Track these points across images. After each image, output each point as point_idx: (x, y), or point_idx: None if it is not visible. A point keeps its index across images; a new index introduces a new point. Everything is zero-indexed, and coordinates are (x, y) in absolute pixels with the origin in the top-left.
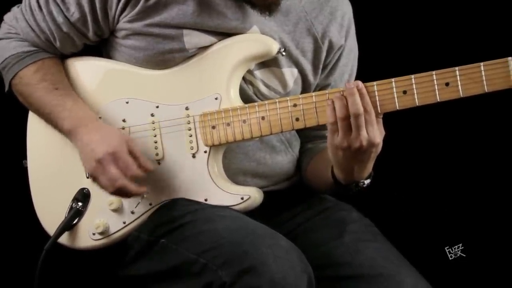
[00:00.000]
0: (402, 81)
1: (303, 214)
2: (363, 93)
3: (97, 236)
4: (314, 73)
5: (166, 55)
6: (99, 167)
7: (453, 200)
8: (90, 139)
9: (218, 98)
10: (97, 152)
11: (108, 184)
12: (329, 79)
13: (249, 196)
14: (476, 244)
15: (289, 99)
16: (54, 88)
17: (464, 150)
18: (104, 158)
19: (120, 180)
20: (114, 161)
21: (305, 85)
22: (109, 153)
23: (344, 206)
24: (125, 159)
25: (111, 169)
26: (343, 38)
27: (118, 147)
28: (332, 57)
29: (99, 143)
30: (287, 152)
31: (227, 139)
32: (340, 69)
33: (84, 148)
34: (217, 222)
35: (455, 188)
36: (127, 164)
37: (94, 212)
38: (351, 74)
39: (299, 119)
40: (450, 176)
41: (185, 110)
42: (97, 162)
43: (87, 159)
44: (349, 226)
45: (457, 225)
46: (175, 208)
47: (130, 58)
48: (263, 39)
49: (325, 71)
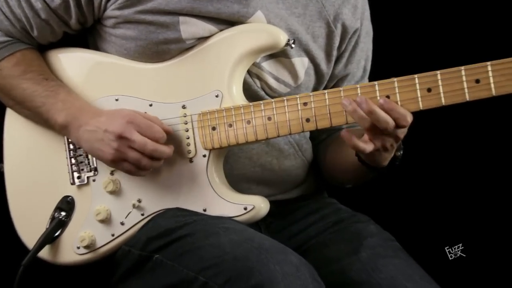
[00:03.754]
0: (426, 78)
1: (315, 226)
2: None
3: (82, 250)
4: (327, 61)
5: (161, 46)
6: (122, 143)
7: (453, 200)
8: (97, 122)
9: (219, 96)
10: (113, 129)
11: (137, 157)
12: (347, 69)
13: (253, 206)
14: (476, 244)
15: (298, 97)
16: (44, 78)
17: (464, 150)
18: (124, 130)
19: (149, 143)
20: (136, 128)
21: (318, 75)
22: (127, 122)
23: (361, 217)
24: (146, 122)
25: (137, 136)
26: (358, 20)
27: (132, 115)
28: (347, 43)
29: (110, 121)
30: (296, 156)
31: (229, 141)
32: (358, 55)
33: (94, 135)
34: (219, 235)
35: (455, 188)
36: (150, 126)
37: (79, 223)
38: (367, 59)
39: (310, 120)
40: (450, 176)
41: (182, 109)
42: (118, 138)
43: (103, 145)
44: (366, 240)
45: (457, 225)
46: (171, 219)
47: (121, 49)
48: (269, 30)
49: (341, 60)
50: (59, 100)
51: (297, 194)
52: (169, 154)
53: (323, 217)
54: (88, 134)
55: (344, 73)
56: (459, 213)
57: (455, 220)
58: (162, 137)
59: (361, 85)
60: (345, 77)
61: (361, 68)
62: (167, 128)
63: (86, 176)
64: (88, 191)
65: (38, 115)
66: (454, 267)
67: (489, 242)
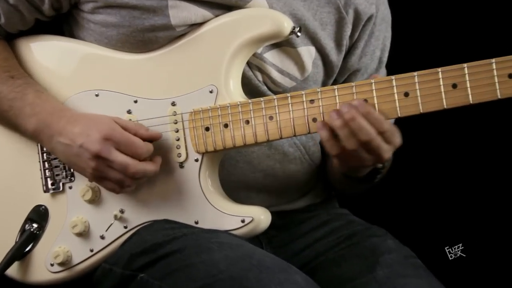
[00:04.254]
0: (452, 71)
1: (325, 241)
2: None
3: (56, 267)
4: (337, 51)
5: (147, 34)
6: (100, 163)
7: (453, 200)
8: (72, 134)
9: (214, 91)
10: (89, 145)
11: (119, 177)
12: (361, 62)
13: (253, 218)
14: (476, 244)
15: (304, 93)
16: (9, 76)
17: (464, 150)
18: (101, 149)
19: (131, 165)
20: (115, 145)
21: (327, 67)
22: (104, 139)
23: (377, 231)
24: (126, 138)
25: (117, 156)
26: (372, 5)
27: (110, 129)
28: (361, 31)
29: (85, 134)
30: (302, 160)
31: (225, 144)
32: (373, 45)
33: (69, 149)
34: (213, 251)
35: (455, 188)
36: (131, 142)
37: (53, 237)
38: (384, 49)
39: (317, 120)
40: (450, 176)
41: (171, 106)
42: (95, 157)
43: (80, 162)
44: (383, 257)
45: (457, 225)
46: (158, 232)
47: (101, 38)
48: (272, 16)
49: (355, 52)
50: (27, 103)
51: (303, 204)
52: (154, 171)
53: (333, 231)
54: (63, 147)
55: (357, 66)
56: (459, 213)
57: (455, 220)
58: (145, 152)
59: (376, 80)
60: (357, 70)
61: (376, 59)
62: (154, 134)
63: (62, 182)
64: (64, 200)
65: (5, 119)
66: (454, 267)
67: (489, 242)
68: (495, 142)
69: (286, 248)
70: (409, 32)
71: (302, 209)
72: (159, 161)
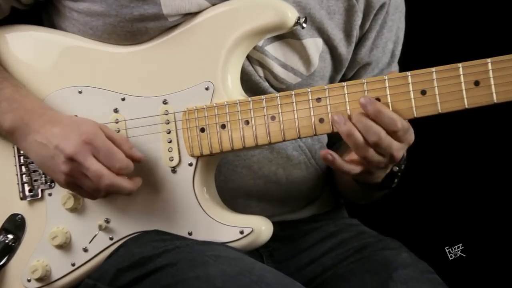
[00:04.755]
0: (473, 67)
1: (332, 254)
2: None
3: (33, 283)
4: (346, 42)
5: (136, 24)
6: (74, 168)
7: (453, 200)
8: (50, 134)
9: (210, 88)
10: (64, 147)
11: (93, 187)
12: (372, 55)
13: (252, 229)
14: (476, 244)
15: (310, 91)
16: None
17: (464, 150)
18: (77, 152)
19: (106, 175)
20: (93, 152)
21: (335, 61)
22: (83, 143)
23: (390, 243)
24: (107, 146)
25: (92, 163)
26: None
27: (92, 133)
28: (372, 21)
29: (64, 135)
30: (308, 165)
31: (222, 147)
32: (385, 37)
33: (44, 149)
34: (208, 265)
35: (455, 188)
36: (112, 153)
37: (30, 249)
38: (397, 41)
39: (324, 121)
40: (449, 176)
41: (163, 105)
42: (69, 160)
43: (54, 164)
44: (397, 273)
45: (457, 225)
46: (147, 244)
47: (85, 29)
48: (274, 5)
49: (366, 44)
50: (3, 98)
51: (308, 214)
52: (130, 191)
53: (342, 243)
54: (38, 146)
55: (368, 59)
56: (459, 213)
57: (455, 220)
58: (124, 168)
59: (390, 76)
60: (368, 64)
61: (388, 52)
62: (137, 155)
63: (40, 189)
64: (42, 208)
65: None
66: (454, 267)
67: (489, 242)
68: (495, 142)
69: (289, 262)
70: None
71: (307, 219)
72: (139, 183)
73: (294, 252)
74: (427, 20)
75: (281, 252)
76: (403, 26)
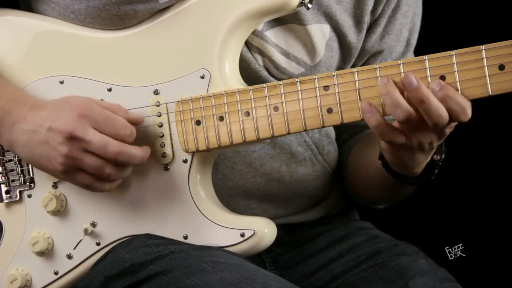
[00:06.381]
0: (498, 49)
1: (342, 261)
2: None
3: None
4: (356, 30)
5: (123, 6)
6: (74, 146)
7: (453, 200)
8: (38, 118)
9: (206, 76)
10: (59, 126)
11: (97, 163)
12: (383, 42)
13: (254, 232)
14: (476, 244)
15: (316, 78)
16: None
17: (464, 150)
18: (75, 128)
19: (112, 143)
20: (92, 124)
21: (344, 50)
22: (79, 116)
23: (406, 248)
24: (106, 115)
25: (95, 135)
26: None
27: (86, 105)
28: (385, 5)
29: (55, 115)
30: (314, 162)
31: (219, 141)
32: (399, 23)
33: (34, 136)
34: (206, 272)
35: (455, 188)
36: (112, 120)
37: (8, 257)
38: (412, 29)
39: (333, 111)
40: (449, 176)
41: (154, 95)
42: (68, 139)
43: (48, 151)
44: (414, 281)
45: (457, 225)
46: (138, 250)
47: (66, 12)
48: None
49: (376, 30)
50: None
51: (316, 215)
52: (142, 157)
53: (353, 248)
54: (26, 135)
55: (379, 47)
56: (459, 213)
57: (455, 220)
58: (129, 134)
59: (405, 60)
60: (379, 53)
61: (403, 40)
62: (136, 117)
63: (18, 190)
64: (21, 212)
65: None
66: (454, 267)
67: (489, 242)
68: (495, 142)
69: (294, 269)
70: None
71: (314, 222)
72: (148, 151)
73: (299, 258)
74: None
75: (286, 258)
76: (420, 12)
